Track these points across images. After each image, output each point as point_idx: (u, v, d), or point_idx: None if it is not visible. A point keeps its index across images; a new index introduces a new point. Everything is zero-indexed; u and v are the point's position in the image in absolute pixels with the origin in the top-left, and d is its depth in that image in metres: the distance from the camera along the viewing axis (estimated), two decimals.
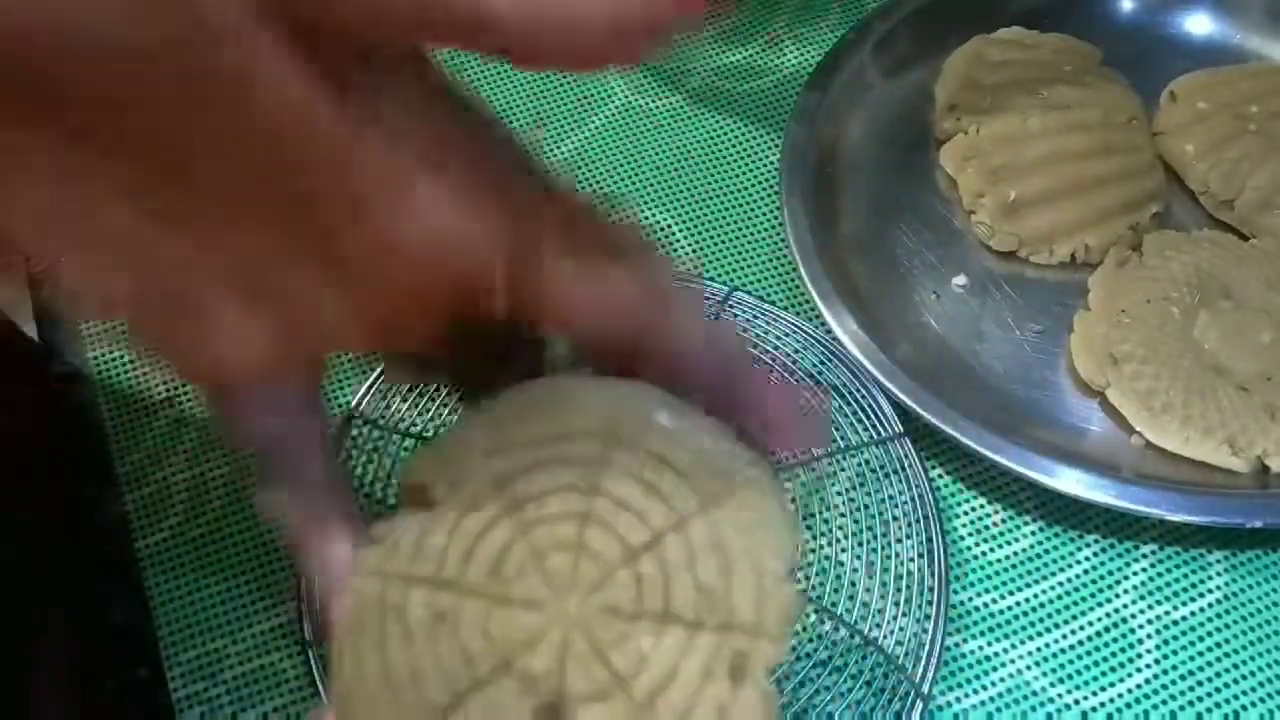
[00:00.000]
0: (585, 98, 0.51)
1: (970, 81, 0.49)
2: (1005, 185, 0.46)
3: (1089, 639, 0.38)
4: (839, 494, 0.41)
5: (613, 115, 0.50)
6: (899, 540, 0.39)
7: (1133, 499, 0.38)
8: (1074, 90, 0.48)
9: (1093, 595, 0.39)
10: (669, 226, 0.47)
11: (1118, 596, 0.39)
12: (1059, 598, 0.39)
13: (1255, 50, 0.50)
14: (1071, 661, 0.38)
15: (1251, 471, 0.40)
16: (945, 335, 0.44)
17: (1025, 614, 0.39)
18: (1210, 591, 0.39)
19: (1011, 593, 0.39)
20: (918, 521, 0.39)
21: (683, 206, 0.48)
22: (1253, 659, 0.38)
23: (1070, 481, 0.39)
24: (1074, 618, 0.39)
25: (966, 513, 0.41)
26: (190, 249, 0.20)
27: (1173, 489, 0.39)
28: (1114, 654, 0.38)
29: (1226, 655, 0.38)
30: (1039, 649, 0.38)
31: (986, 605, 0.39)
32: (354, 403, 0.41)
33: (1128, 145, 0.47)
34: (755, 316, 0.43)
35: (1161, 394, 0.41)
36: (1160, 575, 0.39)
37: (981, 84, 0.48)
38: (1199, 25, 0.51)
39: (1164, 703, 0.37)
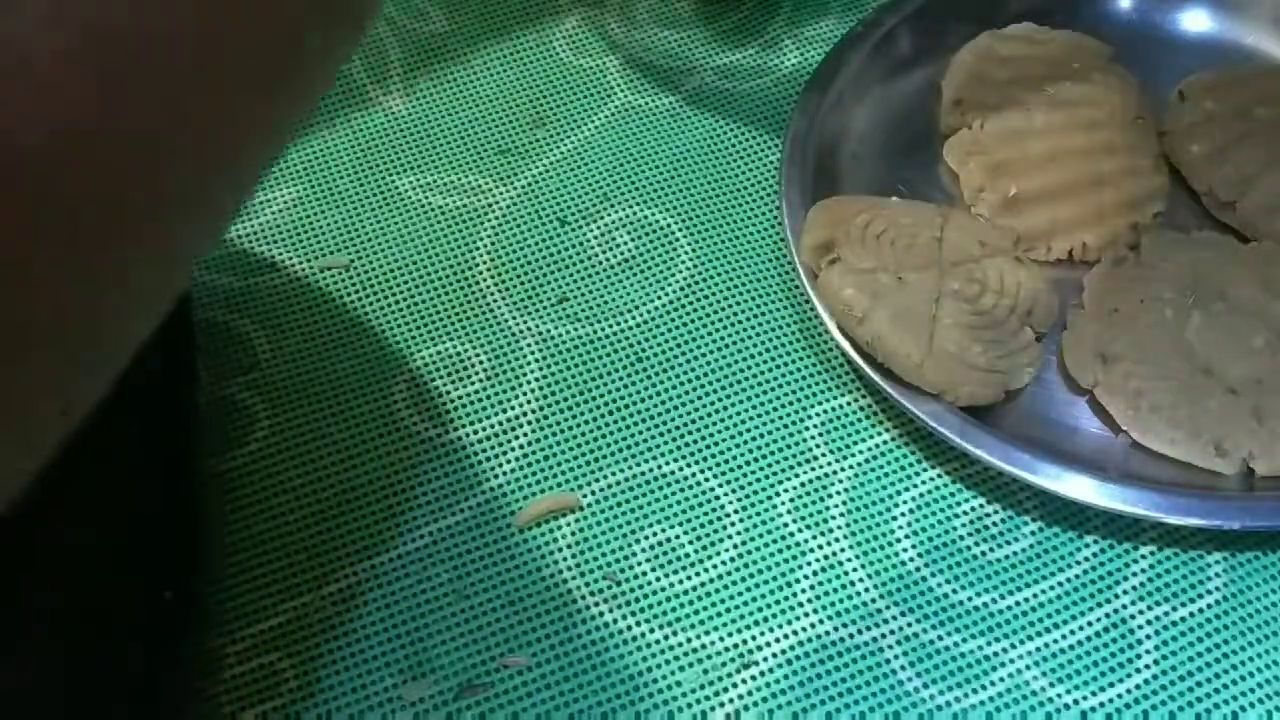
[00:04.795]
0: (585, 97, 0.51)
1: (978, 76, 0.49)
2: (1007, 180, 0.46)
3: (1088, 639, 0.38)
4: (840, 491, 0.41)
5: (612, 115, 0.50)
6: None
7: (1126, 501, 0.39)
8: (1081, 87, 0.48)
9: (1092, 595, 0.39)
10: (669, 226, 0.47)
11: (1117, 597, 0.39)
12: (1058, 598, 0.39)
13: (1267, 51, 0.50)
14: (1071, 661, 0.38)
15: (1237, 474, 0.40)
16: None
17: (1025, 614, 0.39)
18: (1210, 592, 0.39)
19: (1011, 592, 0.39)
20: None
21: (683, 206, 0.48)
22: (1252, 660, 0.38)
23: (1063, 483, 0.39)
24: (1073, 618, 0.39)
25: (966, 513, 0.41)
26: None
27: (1169, 492, 0.39)
28: (1113, 654, 0.38)
29: (1226, 656, 0.38)
30: (1038, 649, 0.38)
31: (986, 605, 0.39)
32: None
33: (1132, 144, 0.47)
34: None
35: (1150, 394, 0.41)
36: (1160, 575, 0.39)
37: (989, 79, 0.48)
38: (1210, 24, 0.51)
39: (1163, 703, 0.37)
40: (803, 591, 0.39)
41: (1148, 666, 0.38)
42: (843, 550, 0.40)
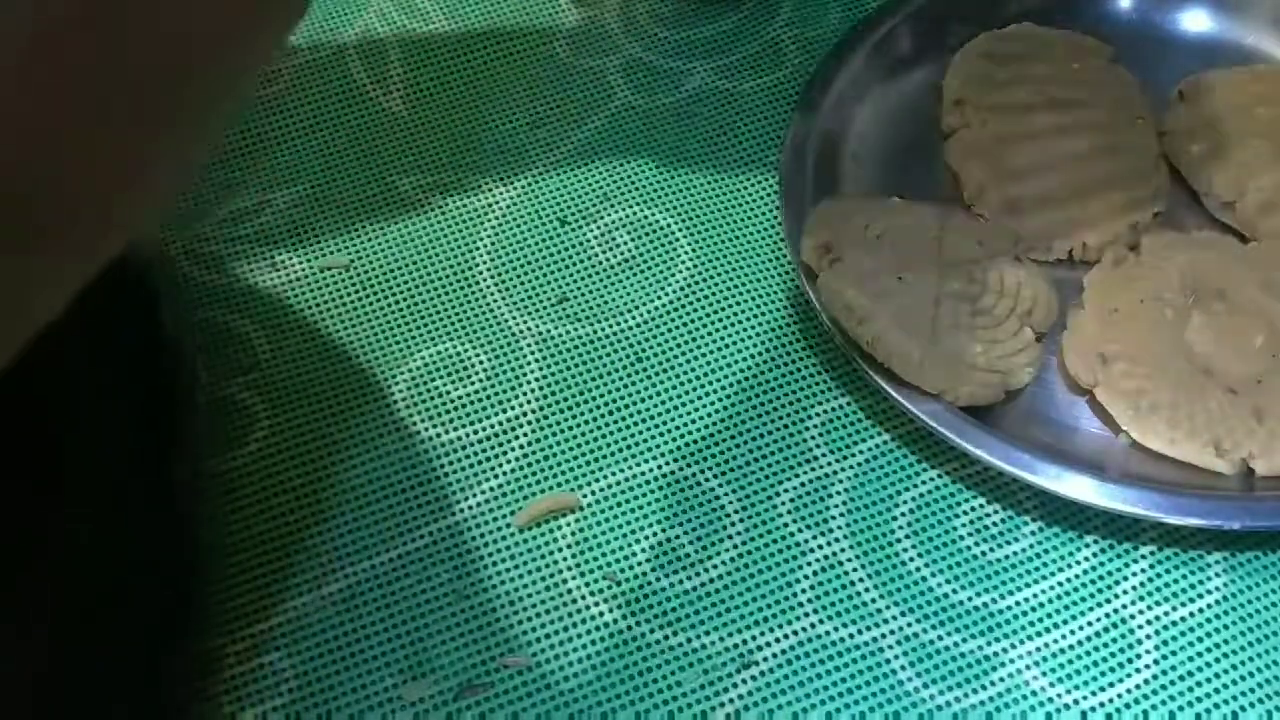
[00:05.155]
0: (585, 97, 0.51)
1: (979, 77, 0.49)
2: (1007, 181, 0.46)
3: (1088, 639, 0.38)
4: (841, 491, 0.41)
5: (612, 115, 0.50)
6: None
7: (1126, 501, 0.39)
8: (1082, 88, 0.48)
9: (1092, 595, 0.39)
10: (669, 226, 0.47)
11: (1117, 597, 0.39)
12: (1058, 598, 0.39)
13: (1267, 51, 0.50)
14: (1071, 661, 0.38)
15: (1236, 474, 0.40)
16: None
17: (1024, 614, 0.39)
18: (1210, 592, 0.39)
19: (1011, 592, 0.39)
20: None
21: (683, 206, 0.48)
22: (1252, 659, 0.38)
23: (1063, 483, 0.39)
24: (1073, 618, 0.39)
25: (966, 513, 0.41)
26: None
27: (1169, 492, 0.39)
28: (1113, 654, 0.38)
29: (1225, 656, 0.38)
30: (1038, 649, 0.38)
31: (986, 605, 0.39)
32: None
33: (1132, 145, 0.47)
34: None
35: (1150, 394, 0.41)
36: (1159, 575, 0.39)
37: (990, 80, 0.48)
38: (1210, 24, 0.51)
39: (1163, 703, 0.37)
40: (803, 591, 0.39)
41: (1148, 666, 0.38)
42: (843, 550, 0.40)
